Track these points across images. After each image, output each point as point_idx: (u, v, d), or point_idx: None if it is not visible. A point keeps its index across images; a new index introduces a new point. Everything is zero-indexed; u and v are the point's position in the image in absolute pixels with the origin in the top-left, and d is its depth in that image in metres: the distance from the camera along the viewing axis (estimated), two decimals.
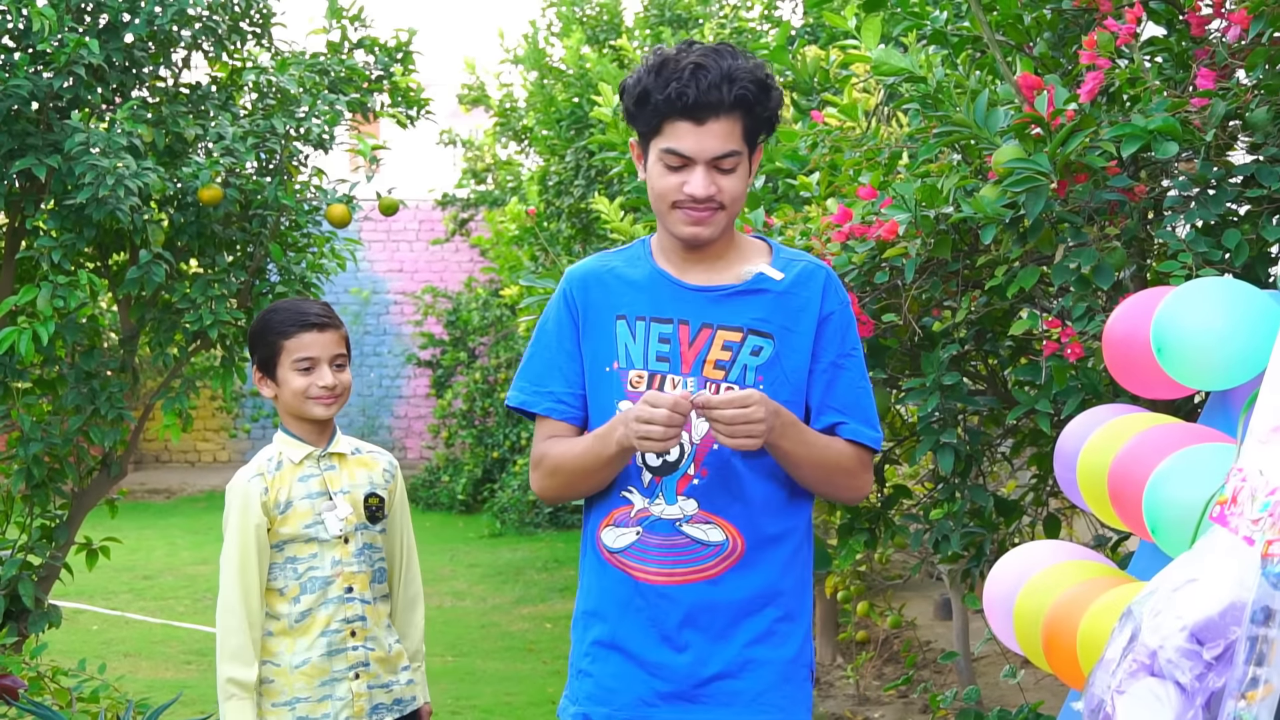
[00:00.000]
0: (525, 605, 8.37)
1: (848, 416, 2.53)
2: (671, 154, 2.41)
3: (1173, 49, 3.12)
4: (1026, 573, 2.52)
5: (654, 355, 2.49)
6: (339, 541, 2.95)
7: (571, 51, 8.60)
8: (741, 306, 2.49)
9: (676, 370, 2.48)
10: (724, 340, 2.48)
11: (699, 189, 2.40)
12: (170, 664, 6.85)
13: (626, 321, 2.52)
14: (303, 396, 2.97)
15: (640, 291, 2.53)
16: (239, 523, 2.93)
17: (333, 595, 2.94)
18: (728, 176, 2.43)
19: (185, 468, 14.27)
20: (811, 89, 4.85)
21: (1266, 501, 1.87)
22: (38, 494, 4.49)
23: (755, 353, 2.48)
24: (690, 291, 2.51)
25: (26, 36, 4.18)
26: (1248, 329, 2.31)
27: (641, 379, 2.49)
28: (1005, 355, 3.45)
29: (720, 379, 2.47)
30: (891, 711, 5.74)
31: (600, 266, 2.59)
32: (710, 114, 2.37)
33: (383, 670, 2.99)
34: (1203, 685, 1.84)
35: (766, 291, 2.50)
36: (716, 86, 2.36)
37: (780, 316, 2.50)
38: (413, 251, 14.62)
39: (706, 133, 2.38)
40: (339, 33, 4.92)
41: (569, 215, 8.80)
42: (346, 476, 3.02)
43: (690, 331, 2.49)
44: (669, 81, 2.37)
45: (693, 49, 2.40)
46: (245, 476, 2.96)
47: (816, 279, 2.53)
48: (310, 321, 2.96)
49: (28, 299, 4.13)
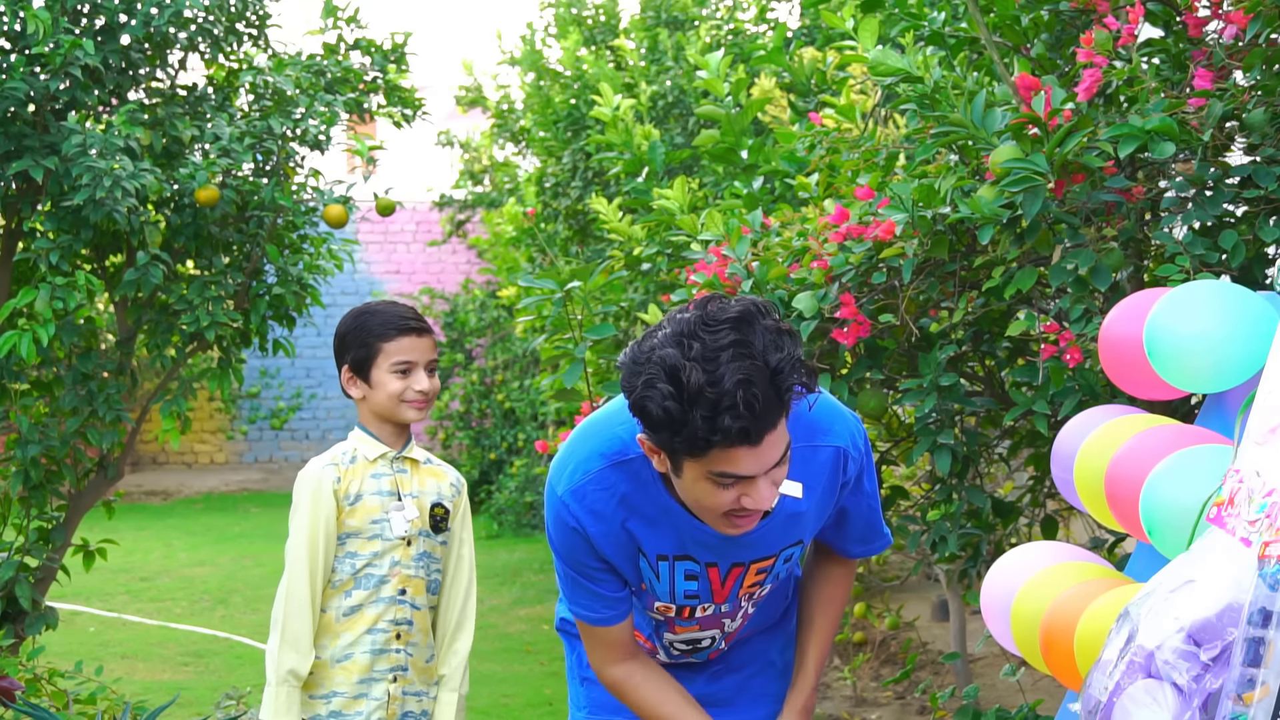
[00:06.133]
0: (523, 607, 8.36)
1: (857, 537, 2.47)
2: (726, 476, 2.03)
3: (1170, 50, 3.12)
4: (1024, 574, 2.52)
5: (682, 593, 2.32)
6: (401, 543, 2.96)
7: (569, 53, 8.60)
8: (770, 538, 2.28)
9: (708, 599, 2.34)
10: (758, 568, 2.33)
11: (767, 501, 2.07)
12: (167, 665, 6.84)
13: (648, 560, 2.28)
14: (398, 399, 2.95)
15: (658, 529, 2.25)
16: (310, 508, 2.91)
17: (385, 595, 2.94)
18: (781, 468, 2.08)
19: (182, 469, 14.25)
20: (809, 90, 4.85)
21: (1263, 503, 1.87)
22: (35, 496, 4.49)
23: (788, 559, 2.37)
24: (714, 537, 2.23)
25: (22, 38, 4.18)
26: (1241, 332, 2.31)
27: (670, 609, 2.36)
28: (1002, 356, 3.45)
29: (756, 591, 2.39)
30: (889, 713, 5.74)
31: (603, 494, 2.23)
32: (769, 431, 2.00)
33: (418, 679, 2.99)
34: (1200, 686, 1.84)
35: (796, 514, 2.27)
36: (769, 406, 1.97)
37: (809, 524, 2.33)
38: (410, 253, 14.61)
39: (765, 448, 2.01)
40: (335, 34, 4.93)
41: (566, 216, 8.79)
42: (417, 482, 3.03)
43: (720, 572, 2.30)
44: (718, 414, 1.94)
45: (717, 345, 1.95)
46: (319, 465, 2.97)
47: (837, 467, 2.29)
48: (410, 325, 2.96)
49: (26, 301, 4.13)
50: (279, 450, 14.46)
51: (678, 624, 2.41)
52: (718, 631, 2.44)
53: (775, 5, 7.14)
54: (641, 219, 4.44)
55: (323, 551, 2.90)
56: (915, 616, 6.67)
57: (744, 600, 2.39)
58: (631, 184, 5.01)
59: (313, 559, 2.89)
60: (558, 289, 3.91)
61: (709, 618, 2.40)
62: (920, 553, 5.23)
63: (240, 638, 7.35)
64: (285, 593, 2.91)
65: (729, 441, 1.96)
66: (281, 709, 2.86)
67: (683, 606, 2.34)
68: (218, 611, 8.11)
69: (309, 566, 2.89)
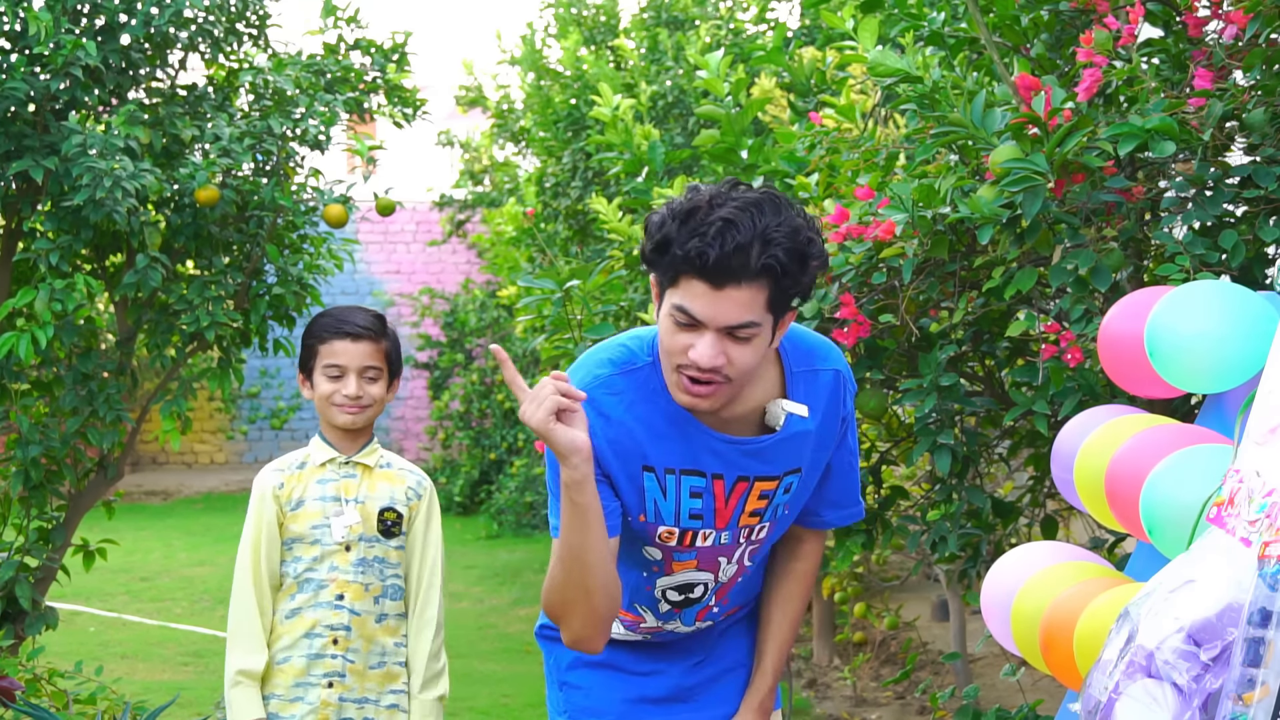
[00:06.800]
0: (522, 607, 8.36)
1: (836, 502, 2.49)
2: (682, 311, 2.11)
3: (1170, 50, 3.12)
4: (1024, 574, 2.52)
5: (686, 513, 2.31)
6: (340, 548, 2.97)
7: (569, 53, 8.60)
8: (776, 454, 2.32)
9: (710, 525, 2.34)
10: (761, 490, 2.34)
11: (704, 358, 2.11)
12: (167, 665, 6.84)
13: (655, 474, 2.28)
14: (327, 402, 3.01)
15: (665, 439, 2.26)
16: (254, 513, 2.99)
17: (323, 599, 2.96)
18: (740, 346, 2.13)
19: (182, 469, 14.25)
20: (809, 90, 4.85)
21: (1263, 503, 1.87)
22: (35, 496, 4.49)
23: (788, 490, 2.38)
24: (722, 443, 2.28)
25: (23, 38, 4.18)
26: (1241, 332, 2.31)
27: (673, 535, 2.33)
28: (1002, 356, 3.46)
29: (755, 524, 2.38)
30: (889, 713, 5.74)
31: (614, 400, 2.26)
32: (730, 280, 2.07)
33: (358, 685, 2.97)
34: (1200, 686, 1.84)
35: (802, 433, 2.32)
36: (743, 250, 2.05)
37: (811, 449, 2.36)
38: (410, 253, 14.61)
39: (724, 299, 2.08)
40: (335, 34, 4.93)
41: (566, 216, 8.80)
42: (366, 487, 3.03)
43: (725, 486, 2.31)
44: (693, 235, 2.06)
45: (732, 197, 2.09)
46: (268, 470, 3.04)
47: (837, 391, 2.37)
48: (345, 330, 2.99)
49: (26, 301, 4.13)
50: (279, 450, 14.44)
51: (676, 558, 2.37)
52: (711, 577, 2.40)
53: (775, 5, 7.14)
54: (641, 219, 4.44)
55: (265, 555, 2.96)
56: (915, 616, 6.68)
57: (743, 537, 2.37)
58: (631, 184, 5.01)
59: (255, 563, 2.96)
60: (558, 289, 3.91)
61: (708, 551, 2.37)
62: (920, 553, 5.24)
63: None
64: (233, 597, 2.99)
65: (690, 266, 2.07)
66: (240, 709, 2.92)
67: (685, 530, 2.32)
68: (218, 611, 8.11)
69: (252, 570, 2.96)
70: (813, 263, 2.12)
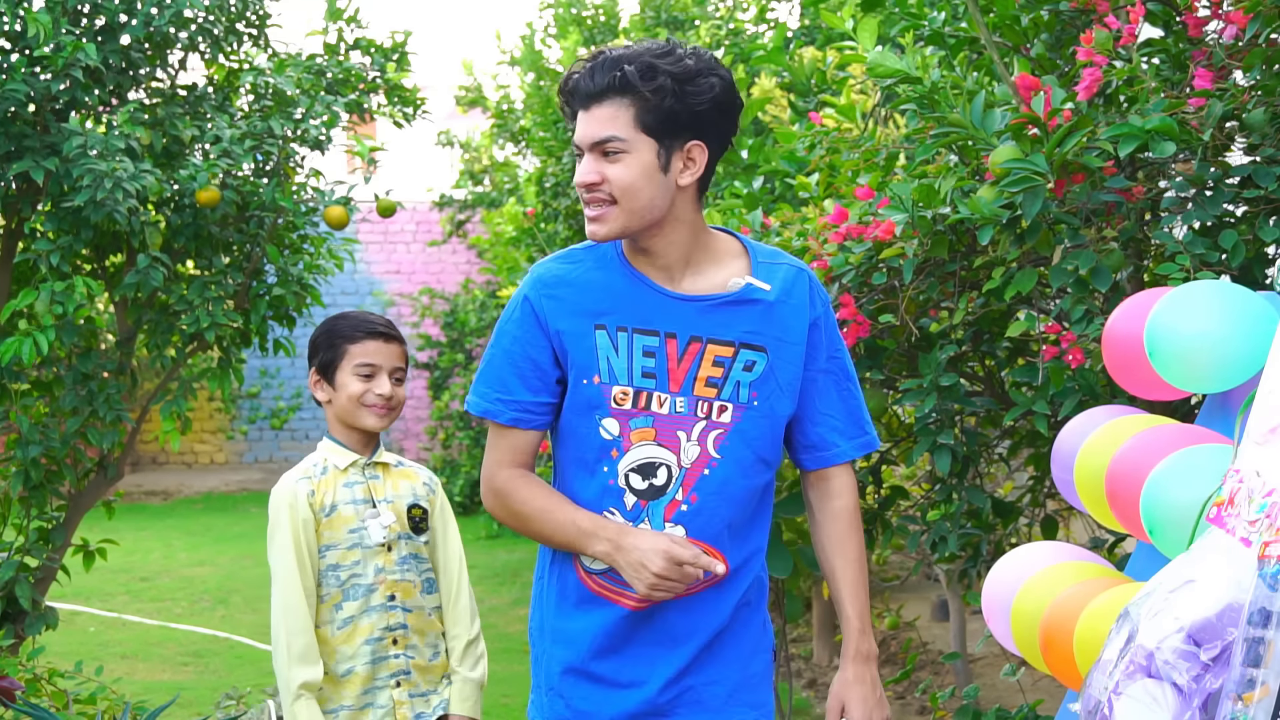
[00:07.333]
0: (522, 606, 8.35)
1: (843, 429, 2.50)
2: (574, 144, 2.36)
3: (1170, 50, 3.12)
4: (1024, 574, 2.53)
5: (639, 371, 2.37)
6: (382, 549, 2.96)
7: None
8: (732, 318, 2.38)
9: (664, 388, 2.37)
10: (715, 355, 2.37)
11: (580, 174, 2.33)
12: (167, 665, 6.84)
13: (607, 332, 2.38)
14: (358, 402, 2.96)
15: (619, 298, 2.39)
16: (289, 522, 2.91)
17: (376, 603, 2.93)
18: (613, 165, 2.31)
19: (182, 469, 14.25)
20: (809, 90, 4.85)
21: (1263, 503, 1.87)
22: (35, 496, 4.49)
23: (748, 368, 2.39)
24: (676, 301, 2.38)
25: (23, 39, 4.18)
26: (1241, 332, 2.31)
27: (626, 396, 2.36)
28: (1002, 356, 3.46)
29: (713, 397, 2.38)
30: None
31: (570, 266, 2.43)
32: (592, 100, 2.31)
33: (423, 680, 2.98)
34: (1200, 686, 1.84)
35: (757, 302, 2.40)
36: (602, 70, 2.30)
37: (772, 328, 2.40)
38: (410, 253, 14.61)
39: (589, 119, 2.32)
40: (335, 34, 4.93)
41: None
42: (390, 486, 3.02)
43: (679, 346, 2.37)
44: (573, 72, 2.35)
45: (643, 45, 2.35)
46: (292, 479, 2.96)
47: (801, 284, 2.44)
48: (377, 330, 2.98)
49: (26, 302, 4.13)
50: (279, 450, 14.46)
51: (632, 425, 2.37)
52: (673, 457, 2.37)
53: (775, 5, 7.15)
54: None
55: (309, 564, 2.91)
56: (915, 616, 6.67)
57: (701, 411, 2.36)
58: None
59: (302, 572, 2.90)
60: None
61: (665, 420, 2.36)
62: (920, 553, 5.24)
63: (240, 638, 7.35)
64: (281, 609, 2.90)
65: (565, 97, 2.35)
66: None
67: (639, 391, 2.36)
68: (218, 611, 8.11)
69: (300, 579, 2.89)
70: (664, 77, 2.27)
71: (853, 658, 2.49)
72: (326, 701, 2.91)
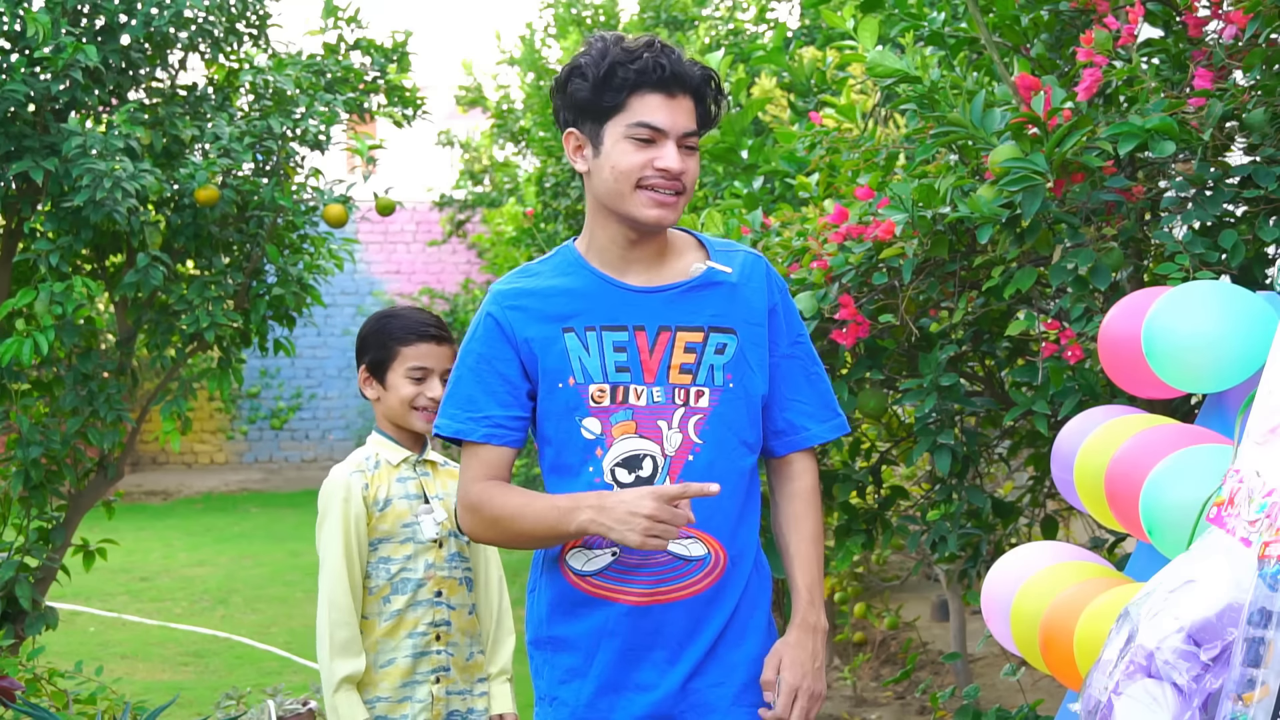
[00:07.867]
0: (523, 607, 8.37)
1: (813, 412, 2.51)
2: (643, 127, 2.32)
3: (1170, 50, 3.12)
4: (1024, 574, 2.52)
5: (613, 366, 2.39)
6: (433, 545, 2.97)
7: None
8: (698, 304, 2.42)
9: (639, 380, 2.39)
10: (686, 342, 2.40)
11: (673, 162, 2.32)
12: (167, 665, 6.84)
13: (576, 333, 2.40)
14: (408, 405, 2.97)
15: (583, 299, 2.41)
16: (341, 514, 2.91)
17: (423, 598, 2.95)
18: (690, 158, 2.36)
19: (182, 469, 14.26)
20: (809, 90, 4.85)
21: (1263, 503, 1.87)
22: (35, 496, 4.49)
23: (720, 350, 2.41)
24: (639, 294, 2.41)
25: (22, 39, 4.18)
26: (1240, 332, 2.31)
27: (604, 393, 2.38)
28: (1002, 356, 3.45)
29: (688, 383, 2.39)
30: (889, 713, 5.74)
31: (529, 279, 2.46)
32: (681, 88, 2.33)
33: (461, 678, 3.01)
34: (1200, 686, 1.84)
35: (719, 285, 2.44)
36: (687, 62, 2.35)
37: (738, 309, 2.44)
38: (410, 253, 14.62)
39: (678, 107, 2.34)
40: (335, 34, 4.93)
41: (566, 217, 8.80)
42: (439, 484, 3.04)
43: (648, 337, 2.40)
44: (637, 55, 2.32)
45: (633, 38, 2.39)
46: (345, 471, 2.97)
47: (759, 269, 2.49)
48: (430, 332, 2.98)
49: (26, 302, 4.13)
50: (279, 450, 14.46)
51: (613, 420, 2.38)
52: (656, 448, 2.38)
53: (775, 5, 7.15)
54: None
55: (358, 557, 2.91)
56: (915, 616, 6.67)
57: (678, 398, 2.37)
58: None
59: (350, 565, 2.90)
60: None
61: (644, 412, 2.37)
62: (920, 553, 5.24)
63: (240, 638, 7.35)
64: (327, 602, 2.90)
65: (647, 80, 2.31)
66: (347, 714, 2.87)
67: (615, 385, 2.38)
68: (218, 611, 8.11)
69: (348, 572, 2.90)
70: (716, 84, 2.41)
71: (798, 625, 2.46)
72: (362, 691, 2.91)
